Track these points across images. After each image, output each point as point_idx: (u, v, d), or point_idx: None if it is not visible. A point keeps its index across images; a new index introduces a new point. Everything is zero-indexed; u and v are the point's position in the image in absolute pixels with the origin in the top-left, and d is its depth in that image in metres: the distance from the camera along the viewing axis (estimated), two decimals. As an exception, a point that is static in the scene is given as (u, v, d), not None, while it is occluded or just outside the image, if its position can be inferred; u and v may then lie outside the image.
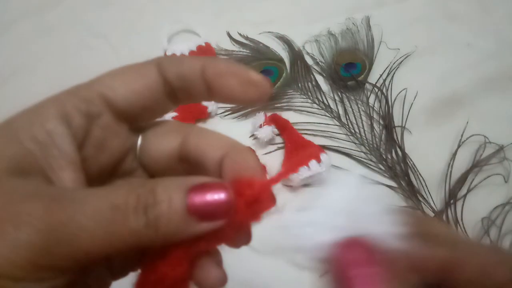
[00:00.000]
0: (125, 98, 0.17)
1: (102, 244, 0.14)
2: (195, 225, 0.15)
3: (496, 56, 0.57)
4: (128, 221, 0.14)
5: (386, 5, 0.62)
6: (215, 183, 0.16)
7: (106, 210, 0.14)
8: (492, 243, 0.43)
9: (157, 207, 0.15)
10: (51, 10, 0.63)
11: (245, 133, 0.51)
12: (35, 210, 0.14)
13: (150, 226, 0.15)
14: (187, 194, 0.15)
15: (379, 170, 0.49)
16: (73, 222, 0.14)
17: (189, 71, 0.18)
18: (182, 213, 0.15)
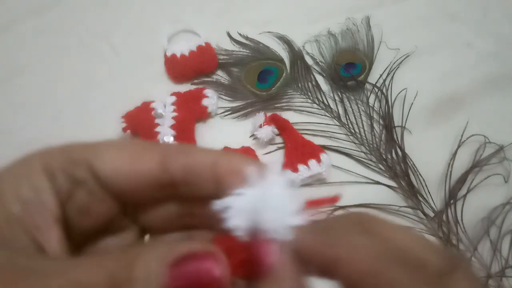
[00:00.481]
0: (112, 176, 0.16)
1: None
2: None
3: (496, 56, 0.57)
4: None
5: (386, 5, 0.62)
6: (205, 253, 0.13)
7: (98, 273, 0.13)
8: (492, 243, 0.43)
9: (132, 285, 0.13)
10: (51, 10, 0.63)
11: (245, 133, 0.51)
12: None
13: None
14: (168, 270, 0.13)
15: (379, 170, 0.49)
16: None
17: (199, 164, 0.16)
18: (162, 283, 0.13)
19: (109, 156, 0.16)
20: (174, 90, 0.54)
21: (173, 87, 0.55)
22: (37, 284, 0.13)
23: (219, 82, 0.55)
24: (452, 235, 0.44)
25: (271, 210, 0.15)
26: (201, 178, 0.16)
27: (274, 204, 0.15)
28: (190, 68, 0.55)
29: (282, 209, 0.15)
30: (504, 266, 0.42)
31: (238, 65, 0.56)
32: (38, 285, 0.13)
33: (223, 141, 0.50)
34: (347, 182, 0.48)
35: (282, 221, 0.15)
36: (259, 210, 0.15)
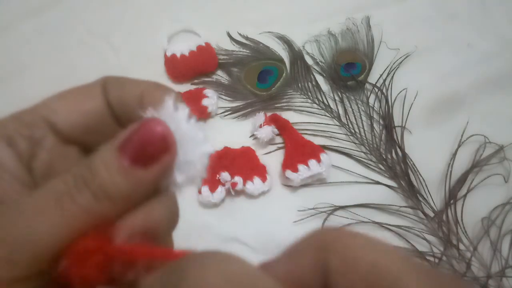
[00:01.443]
0: (69, 121, 0.17)
1: (63, 235, 0.14)
2: (144, 172, 0.15)
3: (496, 56, 0.57)
4: (75, 201, 0.14)
5: (386, 5, 0.62)
6: (141, 123, 0.15)
7: (51, 201, 0.14)
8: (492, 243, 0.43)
9: (96, 175, 0.14)
10: (51, 10, 0.63)
11: (245, 133, 0.51)
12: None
13: (99, 196, 0.14)
14: (119, 150, 0.14)
15: (379, 170, 0.49)
16: (26, 227, 0.14)
17: (129, 96, 0.17)
18: (121, 168, 0.14)
19: (60, 107, 0.17)
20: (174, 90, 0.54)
21: (173, 87, 0.55)
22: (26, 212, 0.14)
23: (219, 82, 0.55)
24: (452, 235, 0.44)
25: (187, 142, 0.16)
26: (133, 110, 0.17)
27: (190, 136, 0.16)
28: (190, 68, 0.55)
29: (196, 139, 0.16)
30: (504, 266, 0.42)
31: (238, 65, 0.56)
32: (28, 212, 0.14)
33: (223, 141, 0.50)
34: (347, 182, 0.48)
35: (198, 150, 0.16)
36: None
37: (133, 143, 0.15)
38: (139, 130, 0.15)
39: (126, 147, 0.14)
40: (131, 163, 0.14)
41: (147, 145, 0.15)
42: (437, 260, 0.43)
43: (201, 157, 0.17)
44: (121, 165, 0.14)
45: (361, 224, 0.45)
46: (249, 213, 0.47)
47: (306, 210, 0.46)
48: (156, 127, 0.15)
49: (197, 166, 0.17)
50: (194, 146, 0.16)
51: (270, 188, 0.47)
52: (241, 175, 0.46)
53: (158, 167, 0.15)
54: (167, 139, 0.15)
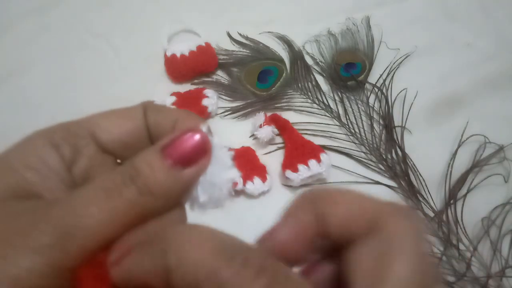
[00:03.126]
0: (111, 136, 0.19)
1: (111, 226, 0.15)
2: (183, 173, 0.16)
3: (496, 56, 0.57)
4: (122, 195, 0.15)
5: (386, 5, 0.62)
6: (183, 131, 0.17)
7: (102, 195, 0.15)
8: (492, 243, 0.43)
9: (141, 173, 0.16)
10: (51, 10, 0.63)
11: (245, 133, 0.51)
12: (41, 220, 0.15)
13: (144, 191, 0.16)
14: (162, 152, 0.16)
15: (379, 170, 0.49)
16: (78, 217, 0.15)
17: (165, 121, 0.19)
18: (164, 168, 0.16)
19: (105, 123, 0.19)
20: (174, 90, 0.54)
21: (173, 87, 0.55)
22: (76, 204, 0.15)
23: (219, 82, 0.55)
24: (452, 235, 0.44)
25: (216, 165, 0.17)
26: (165, 131, 0.19)
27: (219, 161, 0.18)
28: (190, 68, 0.55)
29: (224, 165, 0.18)
30: (504, 266, 0.42)
31: (238, 65, 0.56)
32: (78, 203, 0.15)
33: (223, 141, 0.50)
34: (347, 182, 0.48)
35: (224, 175, 0.18)
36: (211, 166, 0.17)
37: (175, 146, 0.16)
38: (181, 135, 0.17)
39: (168, 149, 0.16)
40: (172, 163, 0.16)
41: (187, 148, 0.16)
42: (437, 260, 0.43)
43: (227, 181, 0.18)
44: (164, 164, 0.16)
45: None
46: (249, 213, 0.47)
47: (306, 210, 0.46)
48: (196, 133, 0.17)
49: (222, 189, 0.18)
50: (222, 170, 0.18)
51: (270, 188, 0.47)
52: (241, 175, 0.46)
53: (195, 169, 0.17)
54: (205, 144, 0.17)
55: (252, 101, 0.54)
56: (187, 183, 0.17)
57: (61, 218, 0.15)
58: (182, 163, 0.16)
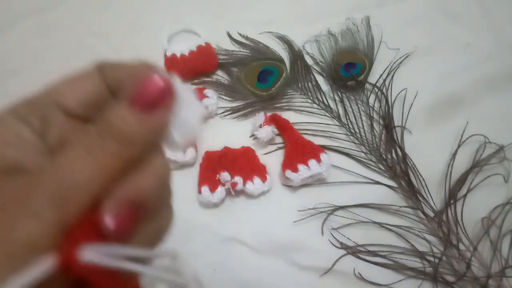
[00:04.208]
0: (75, 101, 0.20)
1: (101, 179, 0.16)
2: (154, 117, 0.17)
3: (496, 56, 0.57)
4: (104, 149, 0.16)
5: (386, 5, 0.62)
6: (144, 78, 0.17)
7: (83, 152, 0.16)
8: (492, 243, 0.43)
9: (115, 126, 0.17)
10: (51, 10, 0.63)
11: (245, 133, 0.51)
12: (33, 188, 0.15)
13: (122, 141, 0.16)
14: (129, 102, 0.17)
15: (379, 170, 0.49)
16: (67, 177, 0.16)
17: (123, 74, 0.20)
18: (134, 116, 0.17)
19: (66, 90, 0.20)
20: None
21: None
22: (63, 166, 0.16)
23: (219, 82, 0.55)
24: (452, 235, 0.44)
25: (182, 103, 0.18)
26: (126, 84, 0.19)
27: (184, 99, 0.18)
28: (190, 68, 0.55)
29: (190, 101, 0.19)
30: (504, 266, 0.42)
31: (238, 65, 0.56)
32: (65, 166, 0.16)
33: (223, 141, 0.50)
34: (347, 182, 0.48)
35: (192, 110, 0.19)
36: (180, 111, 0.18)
37: (139, 93, 0.17)
38: (143, 82, 0.17)
39: (134, 98, 0.17)
40: (140, 109, 0.17)
41: (152, 92, 0.17)
42: (437, 260, 0.43)
43: (196, 116, 0.19)
44: (133, 113, 0.17)
45: (361, 224, 0.45)
46: (249, 213, 0.47)
47: (306, 210, 0.46)
48: (157, 77, 0.17)
49: (193, 124, 0.19)
50: (189, 107, 0.18)
51: (270, 188, 0.47)
52: (241, 175, 0.46)
53: (165, 110, 0.17)
54: (167, 85, 0.17)
55: (252, 101, 0.54)
56: (160, 125, 0.17)
57: (52, 182, 0.15)
58: (150, 107, 0.17)
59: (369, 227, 0.45)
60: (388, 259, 0.43)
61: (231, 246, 0.45)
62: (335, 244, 0.44)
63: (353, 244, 0.44)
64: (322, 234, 0.45)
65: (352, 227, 0.45)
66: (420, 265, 0.43)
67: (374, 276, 0.42)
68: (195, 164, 0.49)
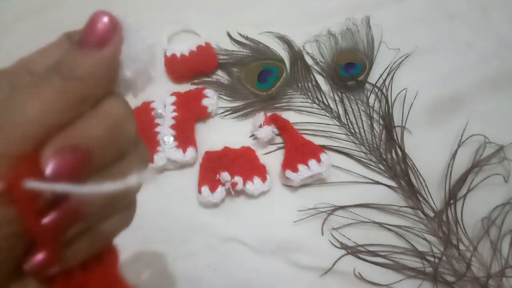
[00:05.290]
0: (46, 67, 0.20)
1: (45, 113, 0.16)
2: (101, 52, 0.17)
3: (496, 56, 0.57)
4: (49, 83, 0.16)
5: (386, 5, 0.62)
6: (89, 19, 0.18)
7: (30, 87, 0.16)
8: (492, 243, 0.43)
9: (63, 63, 0.17)
10: (52, 11, 0.63)
11: (245, 133, 0.51)
12: None
13: (69, 77, 0.16)
14: (78, 44, 0.17)
15: (379, 170, 0.49)
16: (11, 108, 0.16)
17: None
18: (83, 53, 0.17)
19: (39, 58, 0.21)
20: (174, 90, 0.54)
21: (173, 87, 0.55)
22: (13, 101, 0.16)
23: (219, 82, 0.55)
24: (452, 235, 0.44)
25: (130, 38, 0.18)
26: None
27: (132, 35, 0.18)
28: (190, 68, 0.55)
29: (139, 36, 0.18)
30: (504, 266, 0.42)
31: (238, 65, 0.56)
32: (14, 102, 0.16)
33: (223, 141, 0.50)
34: (347, 182, 0.48)
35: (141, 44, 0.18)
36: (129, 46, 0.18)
37: (86, 33, 0.18)
38: (89, 22, 0.18)
39: (82, 38, 0.17)
40: (89, 47, 0.17)
41: (98, 29, 0.18)
42: (437, 260, 0.43)
43: (146, 50, 0.19)
44: (82, 51, 0.17)
45: (361, 224, 0.45)
46: (249, 213, 0.47)
47: (306, 210, 0.46)
48: (101, 15, 0.18)
49: (143, 58, 0.19)
50: (137, 41, 0.18)
51: (270, 188, 0.47)
52: (241, 175, 0.46)
53: (112, 46, 0.18)
54: (113, 21, 0.18)
55: (252, 101, 0.54)
56: (108, 60, 0.18)
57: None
58: (98, 44, 0.17)
59: (369, 227, 0.45)
60: (388, 259, 0.43)
61: (231, 246, 0.45)
62: (335, 244, 0.44)
63: (353, 244, 0.44)
64: (322, 234, 0.45)
65: (352, 227, 0.45)
66: (420, 265, 0.43)
67: (374, 276, 0.42)
68: (195, 164, 0.49)
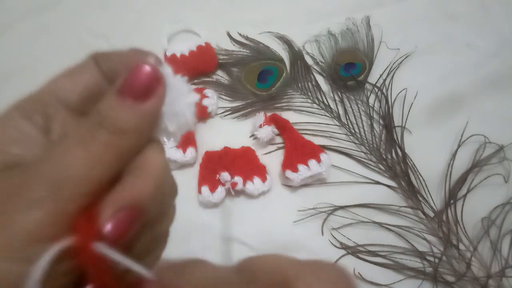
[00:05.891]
0: (75, 94, 0.20)
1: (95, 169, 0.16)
2: (144, 105, 0.17)
3: (496, 56, 0.57)
4: (96, 139, 0.16)
5: (386, 5, 0.62)
6: (132, 67, 0.17)
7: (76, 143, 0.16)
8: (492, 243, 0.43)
9: (106, 116, 0.17)
10: (51, 11, 0.63)
11: (245, 133, 0.51)
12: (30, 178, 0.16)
13: (114, 131, 0.17)
14: (119, 93, 0.17)
15: (379, 170, 0.49)
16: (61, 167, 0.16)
17: (118, 64, 0.20)
18: (125, 106, 0.17)
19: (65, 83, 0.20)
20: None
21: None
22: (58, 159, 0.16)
23: (219, 82, 0.55)
24: (452, 235, 0.44)
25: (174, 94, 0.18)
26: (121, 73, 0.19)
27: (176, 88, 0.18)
28: (190, 68, 0.55)
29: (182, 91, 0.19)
30: (504, 266, 0.42)
31: (238, 65, 0.56)
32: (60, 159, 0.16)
33: (223, 141, 0.50)
34: (347, 182, 0.48)
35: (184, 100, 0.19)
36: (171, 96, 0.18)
37: (128, 83, 0.17)
38: (131, 71, 0.17)
39: (124, 88, 0.17)
40: (131, 99, 0.17)
41: (140, 81, 0.17)
42: (437, 260, 0.43)
43: (189, 106, 0.19)
44: (124, 103, 0.17)
45: (361, 224, 0.45)
46: (249, 213, 0.47)
47: (306, 210, 0.46)
48: (144, 65, 0.17)
49: (186, 114, 0.19)
50: (181, 97, 0.19)
51: (270, 188, 0.47)
52: (241, 175, 0.46)
53: (154, 98, 0.17)
54: (156, 73, 0.17)
55: (252, 101, 0.54)
56: (151, 114, 0.18)
57: (47, 172, 0.16)
58: (141, 97, 0.17)
59: (369, 227, 0.45)
60: (388, 259, 0.43)
61: (231, 246, 0.45)
62: (335, 244, 0.44)
63: (353, 244, 0.44)
64: (322, 234, 0.45)
65: (352, 227, 0.45)
66: (420, 265, 0.43)
67: (374, 276, 0.42)
68: (195, 164, 0.49)
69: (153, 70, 0.17)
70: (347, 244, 0.44)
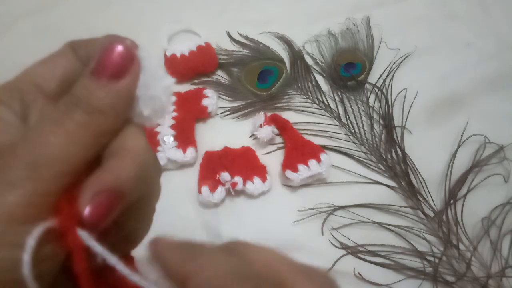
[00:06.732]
0: (53, 80, 0.20)
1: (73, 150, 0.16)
2: (119, 84, 0.17)
3: (496, 56, 0.57)
4: (73, 119, 0.16)
5: (386, 5, 0.62)
6: (104, 47, 0.18)
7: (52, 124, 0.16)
8: (492, 243, 0.43)
9: (81, 97, 0.17)
10: (52, 10, 0.63)
11: (245, 133, 0.51)
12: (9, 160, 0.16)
13: (90, 111, 0.17)
14: (93, 73, 0.17)
15: (379, 170, 0.49)
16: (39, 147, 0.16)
17: (94, 50, 0.19)
18: (100, 85, 0.17)
19: (42, 70, 0.20)
20: (174, 90, 0.54)
21: (173, 87, 0.55)
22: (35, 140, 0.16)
23: (219, 82, 0.55)
24: (452, 235, 0.44)
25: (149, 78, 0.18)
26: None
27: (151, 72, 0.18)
28: (190, 68, 0.55)
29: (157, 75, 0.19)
30: (504, 266, 0.42)
31: (238, 65, 0.56)
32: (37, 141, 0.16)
33: (223, 141, 0.50)
34: (347, 182, 0.48)
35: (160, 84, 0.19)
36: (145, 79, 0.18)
37: (102, 63, 0.17)
38: (104, 51, 0.17)
39: (98, 69, 0.17)
40: (106, 79, 0.17)
41: (114, 60, 0.17)
42: (437, 260, 0.43)
43: (165, 89, 0.19)
44: (98, 83, 0.17)
45: (361, 224, 0.45)
46: (249, 213, 0.47)
47: (306, 210, 0.46)
48: (117, 44, 0.18)
49: (161, 98, 0.19)
50: (156, 80, 0.18)
51: (270, 188, 0.47)
52: (241, 175, 0.46)
53: (129, 77, 0.17)
54: (129, 52, 0.18)
55: (252, 101, 0.54)
56: (126, 93, 0.17)
57: (23, 153, 0.16)
58: (115, 76, 0.17)
59: (369, 227, 0.45)
60: (388, 259, 0.43)
61: (231, 246, 0.45)
62: (335, 244, 0.44)
63: (353, 244, 0.44)
64: (322, 234, 0.45)
65: (352, 227, 0.45)
66: (420, 265, 0.43)
67: (374, 276, 0.42)
68: (195, 164, 0.49)
69: (126, 49, 0.18)
70: (347, 244, 0.44)
